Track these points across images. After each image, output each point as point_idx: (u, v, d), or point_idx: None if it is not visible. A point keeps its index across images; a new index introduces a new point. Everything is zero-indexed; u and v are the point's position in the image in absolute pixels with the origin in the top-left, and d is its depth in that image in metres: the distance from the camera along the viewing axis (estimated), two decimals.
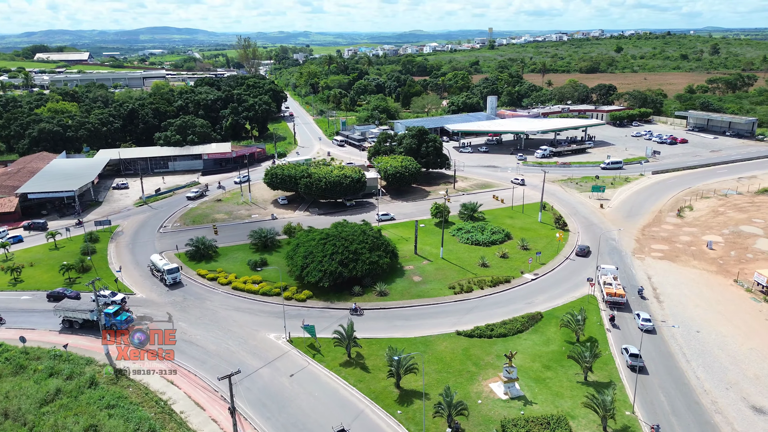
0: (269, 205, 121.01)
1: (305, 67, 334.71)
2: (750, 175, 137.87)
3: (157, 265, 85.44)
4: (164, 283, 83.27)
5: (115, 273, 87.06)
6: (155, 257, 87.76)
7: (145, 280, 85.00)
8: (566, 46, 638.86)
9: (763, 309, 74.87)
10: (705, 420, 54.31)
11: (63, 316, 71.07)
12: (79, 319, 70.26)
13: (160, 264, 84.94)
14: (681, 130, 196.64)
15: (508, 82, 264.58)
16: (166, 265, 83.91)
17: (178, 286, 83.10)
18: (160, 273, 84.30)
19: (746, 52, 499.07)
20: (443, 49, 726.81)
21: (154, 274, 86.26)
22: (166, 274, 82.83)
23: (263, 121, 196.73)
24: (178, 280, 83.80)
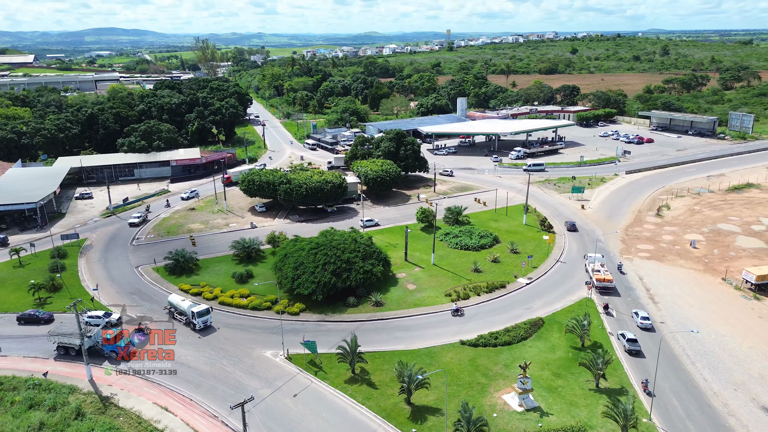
0: (247, 213, 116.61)
1: (268, 69, 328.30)
2: (718, 173, 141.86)
3: (179, 307, 72.47)
4: (192, 328, 70.59)
5: (90, 292, 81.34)
6: (176, 298, 74.51)
7: (124, 297, 79.75)
8: (523, 48, 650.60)
9: (755, 307, 76.10)
10: (720, 423, 54.16)
11: (57, 342, 65.21)
12: (75, 345, 64.50)
13: (183, 306, 71.97)
14: (645, 129, 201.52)
15: (473, 84, 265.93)
16: (193, 307, 71.09)
17: (209, 330, 70.83)
18: (186, 317, 71.40)
19: (694, 53, 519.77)
20: (403, 50, 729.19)
21: (176, 317, 72.78)
22: (195, 318, 70.04)
23: (230, 125, 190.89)
24: (209, 323, 71.54)
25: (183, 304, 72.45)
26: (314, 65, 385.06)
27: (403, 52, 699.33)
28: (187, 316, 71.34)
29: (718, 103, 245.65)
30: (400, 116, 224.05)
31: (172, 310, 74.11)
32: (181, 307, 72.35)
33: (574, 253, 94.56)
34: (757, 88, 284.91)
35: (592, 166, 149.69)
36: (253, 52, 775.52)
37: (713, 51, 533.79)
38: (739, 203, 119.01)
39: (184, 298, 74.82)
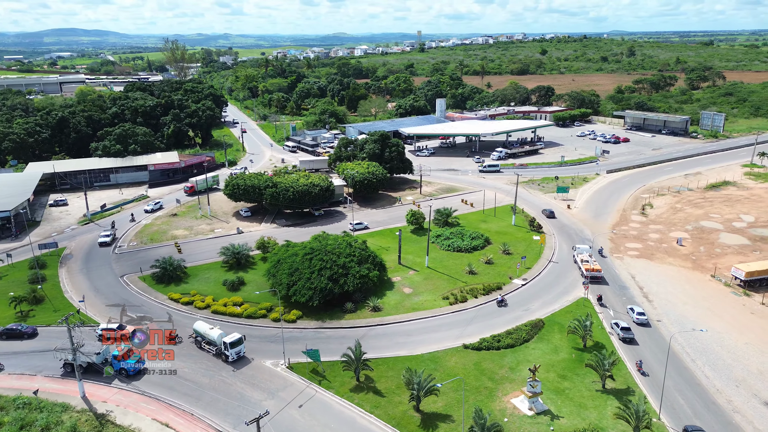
0: (231, 218, 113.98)
1: (241, 71, 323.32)
2: (695, 172, 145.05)
3: (207, 336, 65.49)
4: (224, 359, 63.67)
5: (75, 303, 78.07)
6: (202, 326, 67.09)
7: (111, 309, 76.69)
8: (493, 49, 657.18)
9: (746, 303, 77.58)
10: (727, 420, 54.77)
11: (64, 359, 61.81)
12: (83, 363, 61.34)
13: (212, 334, 64.99)
14: (620, 129, 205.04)
15: (449, 85, 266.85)
16: (224, 336, 64.26)
17: (243, 362, 64.19)
18: (216, 346, 64.62)
19: (659, 54, 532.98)
20: (374, 51, 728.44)
21: (204, 347, 66.12)
22: (228, 349, 63.13)
23: (207, 128, 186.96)
24: (243, 353, 65.10)
25: (212, 333, 65.12)
26: (287, 66, 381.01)
27: (375, 53, 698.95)
28: (217, 346, 64.46)
29: (687, 103, 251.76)
30: (378, 117, 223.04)
31: (199, 339, 66.95)
32: (209, 335, 65.17)
33: (565, 253, 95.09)
34: (722, 88, 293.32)
35: (573, 166, 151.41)
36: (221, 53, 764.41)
37: (677, 52, 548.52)
38: (719, 201, 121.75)
39: (212, 326, 66.94)
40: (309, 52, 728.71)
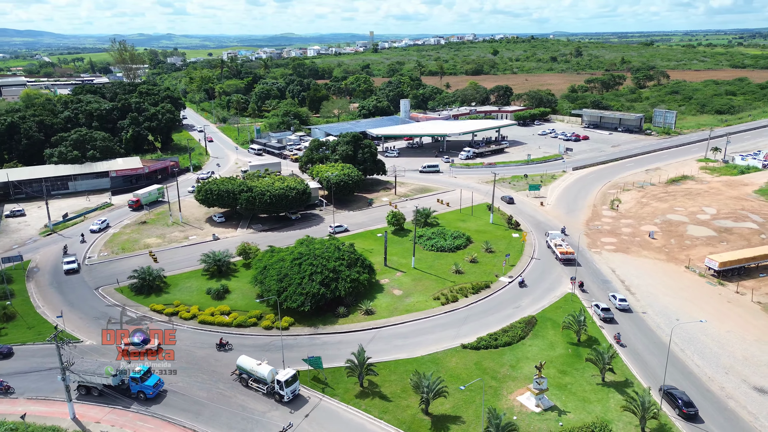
0: (205, 225, 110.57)
1: (196, 72, 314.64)
2: (655, 167, 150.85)
3: (256, 373, 58.49)
4: (278, 399, 57.21)
5: (50, 320, 73.77)
6: (248, 361, 59.83)
7: (90, 324, 72.94)
8: (446, 50, 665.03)
9: (721, 292, 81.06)
10: (723, 407, 56.95)
11: (78, 382, 58.11)
12: (98, 385, 57.90)
13: (261, 371, 58.12)
14: (578, 127, 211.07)
15: (410, 85, 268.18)
16: (277, 373, 57.96)
17: (300, 401, 57.64)
18: (265, 385, 58.09)
19: (604, 54, 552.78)
20: (327, 52, 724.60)
21: (251, 386, 59.22)
22: (283, 388, 56.52)
23: (167, 132, 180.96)
24: (298, 391, 58.56)
25: (260, 369, 58.34)
26: (242, 68, 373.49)
27: (328, 54, 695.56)
28: (267, 385, 58.02)
29: (637, 101, 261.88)
30: (341, 119, 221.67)
31: (244, 376, 59.95)
32: (258, 372, 58.44)
33: (545, 249, 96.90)
34: (668, 86, 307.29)
35: (539, 164, 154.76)
36: (167, 53, 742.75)
37: (621, 52, 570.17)
38: (681, 194, 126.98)
39: (260, 361, 59.70)
40: (261, 53, 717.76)
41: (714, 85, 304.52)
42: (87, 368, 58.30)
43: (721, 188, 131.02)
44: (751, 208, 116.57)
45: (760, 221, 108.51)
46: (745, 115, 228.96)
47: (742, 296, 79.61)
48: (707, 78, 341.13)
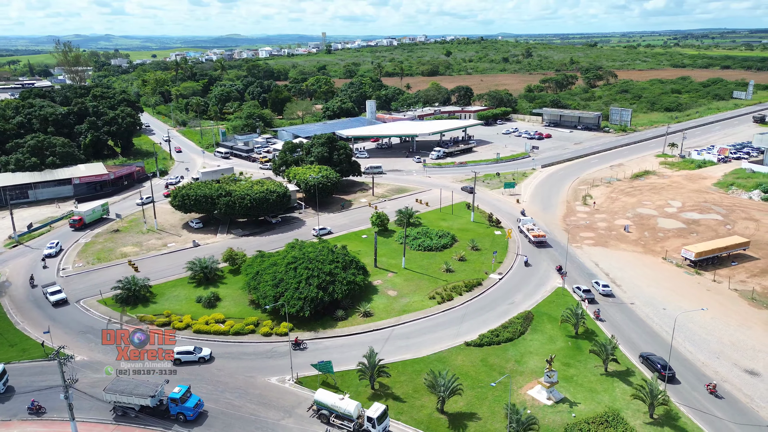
0: (182, 231, 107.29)
1: (149, 74, 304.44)
2: (618, 163, 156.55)
3: (338, 409, 53.53)
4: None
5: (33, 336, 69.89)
6: (328, 396, 54.89)
7: (78, 339, 69.57)
8: (399, 51, 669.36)
9: (700, 281, 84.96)
10: (721, 389, 59.66)
11: (114, 402, 55.19)
12: (135, 406, 54.88)
13: (345, 407, 53.12)
14: (539, 126, 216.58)
15: (371, 86, 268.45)
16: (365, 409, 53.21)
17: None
18: (353, 422, 52.95)
19: (552, 55, 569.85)
20: (280, 53, 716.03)
21: (333, 423, 53.76)
22: (375, 425, 51.64)
23: (128, 136, 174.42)
24: (389, 428, 53.81)
25: (344, 405, 53.23)
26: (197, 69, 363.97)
27: (281, 55, 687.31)
28: (354, 422, 52.89)
29: (591, 100, 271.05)
30: (305, 120, 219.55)
31: (325, 412, 54.66)
32: (341, 408, 53.13)
33: (528, 244, 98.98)
34: (617, 86, 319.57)
35: (508, 162, 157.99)
36: (110, 55, 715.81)
37: (568, 53, 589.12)
38: (646, 189, 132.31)
39: (342, 396, 54.80)
40: (211, 54, 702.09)
41: (660, 84, 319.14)
42: (123, 388, 55.33)
43: (683, 182, 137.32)
44: (713, 200, 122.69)
45: (723, 212, 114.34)
46: (692, 112, 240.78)
47: (719, 284, 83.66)
48: (652, 77, 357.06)
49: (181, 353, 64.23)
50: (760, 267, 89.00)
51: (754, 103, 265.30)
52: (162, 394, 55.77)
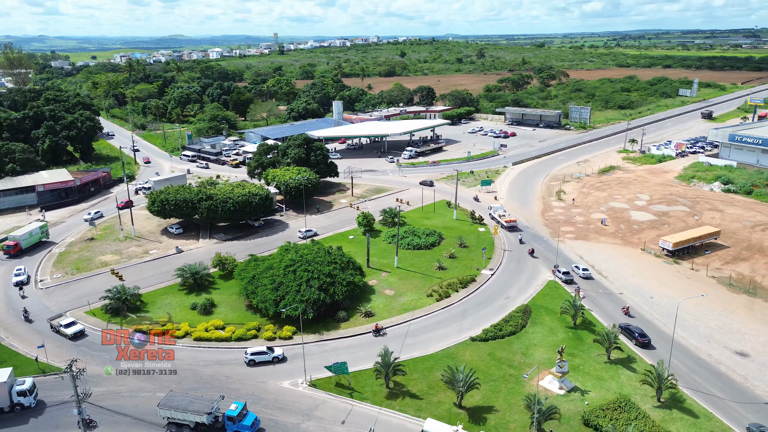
0: (162, 237, 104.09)
1: (101, 76, 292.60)
2: (584, 159, 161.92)
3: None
4: None
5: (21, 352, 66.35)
6: (440, 428, 51.49)
7: (71, 352, 66.44)
8: (353, 52, 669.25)
9: (679, 270, 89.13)
10: (717, 372, 62.99)
11: (168, 419, 52.67)
12: (190, 423, 52.40)
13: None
14: (502, 124, 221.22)
15: (334, 87, 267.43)
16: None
17: None
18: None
19: (504, 56, 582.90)
20: (231, 54, 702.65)
21: None
22: None
23: (88, 141, 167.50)
24: None
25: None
26: (144, 70, 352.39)
27: (232, 56, 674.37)
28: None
29: (547, 99, 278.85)
30: (270, 122, 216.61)
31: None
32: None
33: (512, 239, 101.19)
34: (570, 84, 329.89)
35: (480, 160, 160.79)
36: (48, 57, 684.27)
37: (518, 53, 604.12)
38: (615, 183, 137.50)
39: (457, 426, 51.97)
40: (159, 56, 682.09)
41: (609, 83, 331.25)
42: (177, 403, 53.08)
43: (647, 176, 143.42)
44: (678, 192, 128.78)
45: (689, 204, 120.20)
46: (644, 109, 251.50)
47: (697, 272, 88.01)
48: (600, 77, 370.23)
49: (255, 354, 64.14)
50: (731, 255, 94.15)
51: (699, 100, 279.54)
52: (218, 411, 53.58)
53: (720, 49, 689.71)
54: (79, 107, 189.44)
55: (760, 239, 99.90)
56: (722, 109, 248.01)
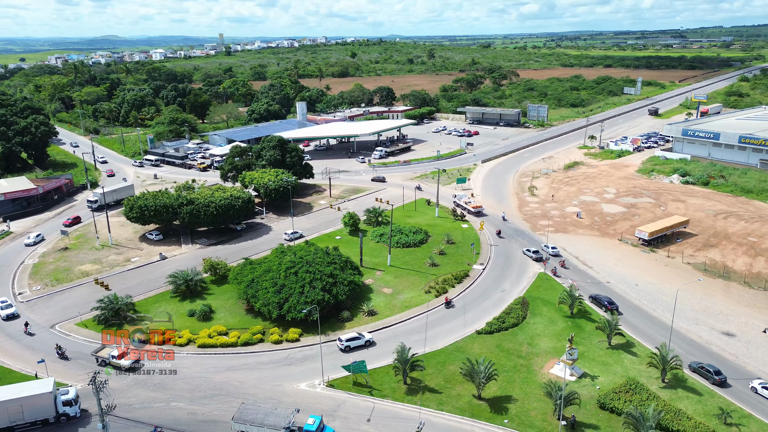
0: (142, 244, 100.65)
1: (44, 79, 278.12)
2: (548, 156, 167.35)
3: None
4: None
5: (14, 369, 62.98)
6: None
7: (69, 367, 63.79)
8: (302, 52, 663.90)
9: (657, 258, 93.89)
10: (709, 351, 67.04)
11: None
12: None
13: None
14: (463, 123, 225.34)
15: (292, 88, 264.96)
16: None
17: None
18: None
19: (454, 56, 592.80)
20: (175, 55, 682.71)
21: None
22: None
23: (43, 147, 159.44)
24: None
25: None
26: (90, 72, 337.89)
27: (177, 57, 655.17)
28: None
29: (503, 98, 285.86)
30: (230, 124, 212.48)
31: None
32: None
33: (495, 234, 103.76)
34: (522, 84, 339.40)
35: (449, 159, 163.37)
36: None
37: (466, 54, 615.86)
38: (581, 178, 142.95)
39: None
40: (97, 57, 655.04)
41: (558, 82, 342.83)
42: (252, 417, 51.47)
43: (610, 171, 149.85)
44: (641, 185, 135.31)
45: (654, 196, 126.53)
46: (595, 107, 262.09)
47: (673, 259, 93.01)
48: (548, 76, 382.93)
49: (349, 340, 67.40)
50: (701, 242, 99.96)
51: (644, 97, 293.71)
52: (294, 425, 51.96)
53: (653, 49, 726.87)
54: (28, 111, 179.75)
55: (723, 226, 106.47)
56: (666, 106, 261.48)
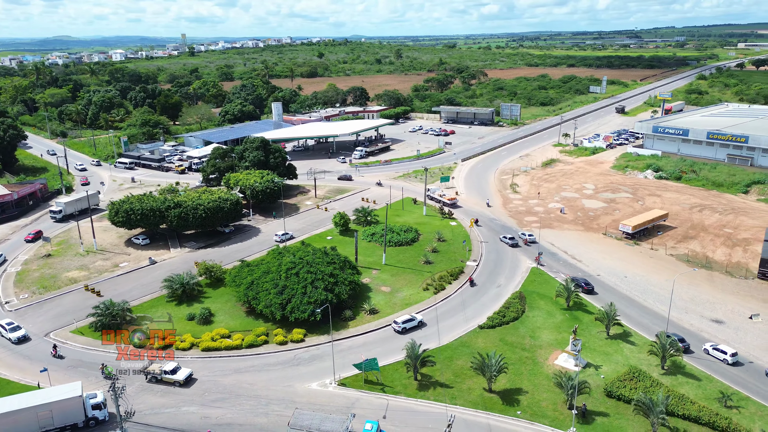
0: (129, 249, 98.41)
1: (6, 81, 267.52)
2: (525, 154, 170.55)
3: None
4: None
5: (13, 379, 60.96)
6: None
7: (70, 375, 62.07)
8: (268, 53, 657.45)
9: (641, 250, 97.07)
10: (701, 338, 69.83)
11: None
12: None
13: None
14: (438, 123, 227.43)
15: (264, 89, 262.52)
16: None
17: None
18: None
19: (421, 56, 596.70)
20: (137, 56, 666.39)
21: None
22: None
23: (11, 151, 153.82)
24: None
25: None
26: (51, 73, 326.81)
27: (138, 58, 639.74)
28: None
29: (474, 98, 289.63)
30: (203, 125, 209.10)
31: None
32: None
33: (485, 231, 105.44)
34: (491, 83, 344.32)
35: (429, 158, 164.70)
36: None
37: (432, 54, 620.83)
38: (559, 175, 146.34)
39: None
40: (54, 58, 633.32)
41: (526, 81, 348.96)
42: (309, 422, 50.53)
43: (586, 167, 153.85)
44: (618, 181, 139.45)
45: (631, 191, 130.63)
46: (564, 105, 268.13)
47: (657, 252, 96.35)
48: (515, 75, 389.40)
49: (405, 322, 70.92)
50: (680, 234, 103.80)
51: (609, 96, 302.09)
52: (351, 430, 51.23)
53: (612, 49, 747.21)
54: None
55: (700, 219, 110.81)
56: (631, 104, 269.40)
